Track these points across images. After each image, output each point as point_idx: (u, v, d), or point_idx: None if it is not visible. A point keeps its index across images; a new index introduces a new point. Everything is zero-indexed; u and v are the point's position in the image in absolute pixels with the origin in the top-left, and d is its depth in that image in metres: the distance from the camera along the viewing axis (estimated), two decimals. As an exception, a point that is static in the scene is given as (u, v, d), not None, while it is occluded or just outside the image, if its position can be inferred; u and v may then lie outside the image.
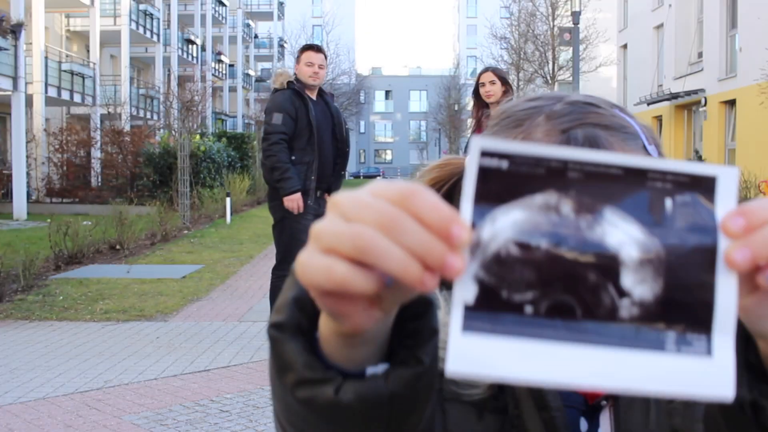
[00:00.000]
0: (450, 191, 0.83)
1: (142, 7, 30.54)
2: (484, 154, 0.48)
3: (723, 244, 0.47)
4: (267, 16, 56.90)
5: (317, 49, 5.69)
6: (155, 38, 32.10)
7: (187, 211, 14.99)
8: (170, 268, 9.57)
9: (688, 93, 26.31)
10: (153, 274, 9.00)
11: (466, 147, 6.21)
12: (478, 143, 0.48)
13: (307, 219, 5.54)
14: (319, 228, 0.48)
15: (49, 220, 10.09)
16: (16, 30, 18.15)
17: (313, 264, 0.47)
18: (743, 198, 0.51)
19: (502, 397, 0.81)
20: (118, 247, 10.76)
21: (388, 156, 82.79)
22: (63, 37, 28.37)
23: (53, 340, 5.96)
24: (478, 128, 5.74)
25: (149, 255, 10.83)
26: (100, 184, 21.38)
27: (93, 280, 8.52)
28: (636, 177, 0.48)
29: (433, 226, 0.46)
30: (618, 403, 0.81)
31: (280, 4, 57.92)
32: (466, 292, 0.47)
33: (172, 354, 5.54)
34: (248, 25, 52.34)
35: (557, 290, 0.47)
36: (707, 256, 0.48)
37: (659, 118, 29.54)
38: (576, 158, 0.48)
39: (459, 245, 0.46)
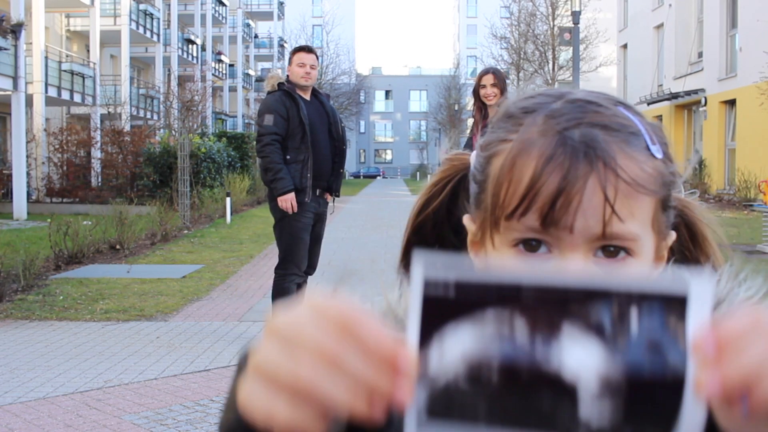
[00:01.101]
0: (456, 187, 0.82)
1: (142, 7, 30.54)
2: (428, 284, 0.45)
3: (693, 369, 0.43)
4: (267, 16, 56.91)
5: (308, 50, 5.76)
6: (155, 38, 32.10)
7: (187, 211, 14.98)
8: (170, 268, 9.57)
9: (688, 93, 26.32)
10: (153, 274, 9.00)
11: (465, 145, 6.22)
12: (420, 271, 0.45)
13: (306, 217, 5.59)
14: (259, 359, 0.45)
15: (49, 220, 10.10)
16: (16, 30, 18.16)
17: (255, 402, 0.45)
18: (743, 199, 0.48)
19: None
20: (118, 247, 10.76)
21: (388, 156, 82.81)
22: (63, 37, 28.37)
23: (53, 340, 5.97)
24: (478, 130, 5.74)
25: (149, 255, 10.83)
26: (100, 184, 21.38)
27: (93, 280, 8.52)
28: (598, 295, 0.45)
29: (377, 356, 0.44)
30: None
31: (280, 3, 57.91)
32: (415, 421, 0.45)
33: (172, 354, 5.54)
34: (248, 25, 52.33)
35: (510, 420, 0.45)
36: (675, 380, 0.44)
37: (659, 118, 29.52)
38: (530, 283, 0.45)
39: (405, 376, 0.44)
